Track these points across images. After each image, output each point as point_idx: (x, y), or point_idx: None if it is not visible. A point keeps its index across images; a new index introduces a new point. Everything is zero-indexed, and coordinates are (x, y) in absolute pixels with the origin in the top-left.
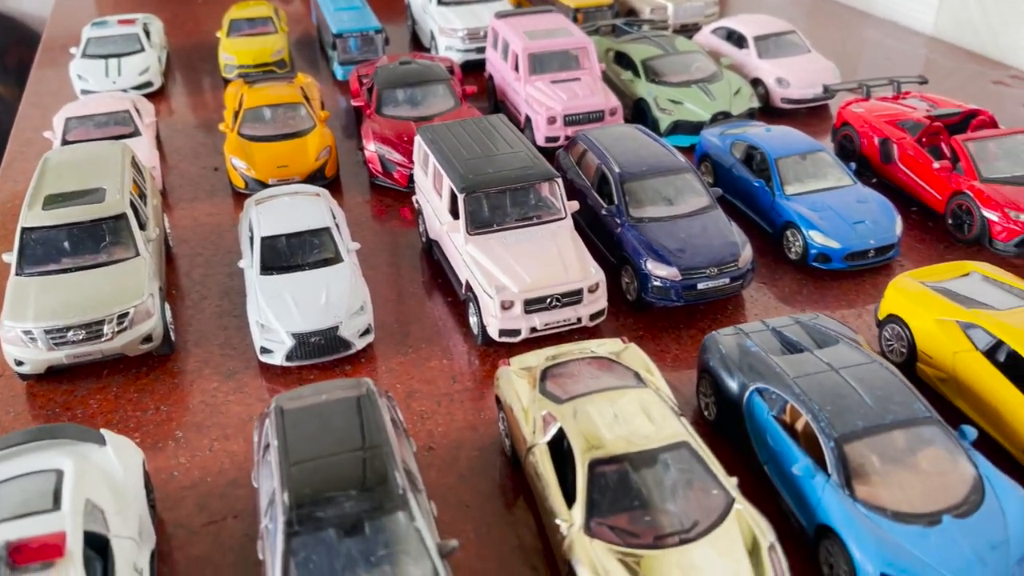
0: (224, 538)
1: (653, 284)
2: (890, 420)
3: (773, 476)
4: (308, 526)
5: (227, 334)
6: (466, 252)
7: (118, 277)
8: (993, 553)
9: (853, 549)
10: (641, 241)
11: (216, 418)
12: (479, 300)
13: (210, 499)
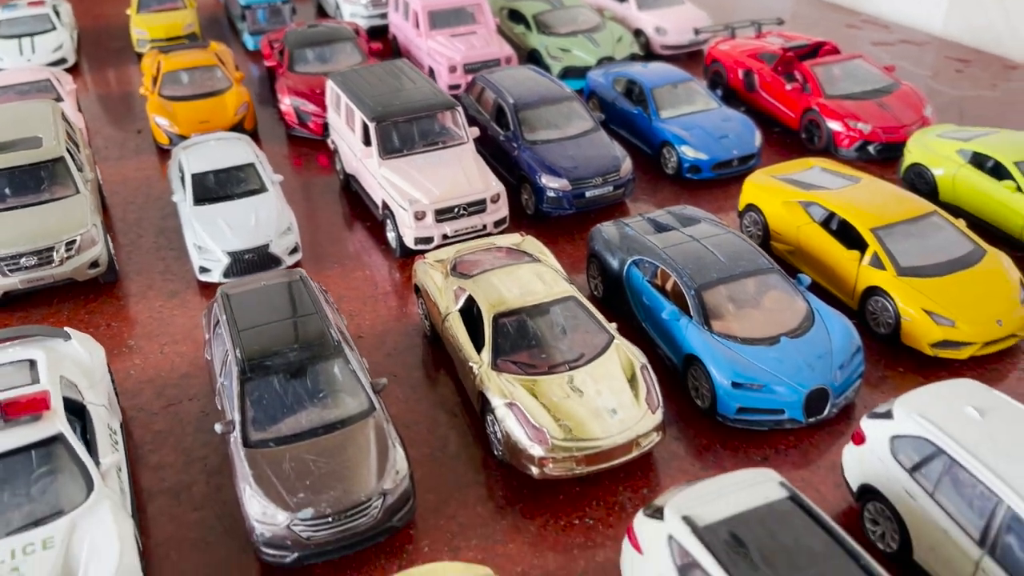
0: (182, 415)
1: (548, 196)
2: (739, 271)
3: (649, 329)
4: (259, 372)
5: (166, 263)
6: (380, 175)
7: (62, 211)
8: (819, 361)
9: (711, 369)
10: (535, 160)
11: (164, 328)
12: (395, 215)
13: (166, 388)
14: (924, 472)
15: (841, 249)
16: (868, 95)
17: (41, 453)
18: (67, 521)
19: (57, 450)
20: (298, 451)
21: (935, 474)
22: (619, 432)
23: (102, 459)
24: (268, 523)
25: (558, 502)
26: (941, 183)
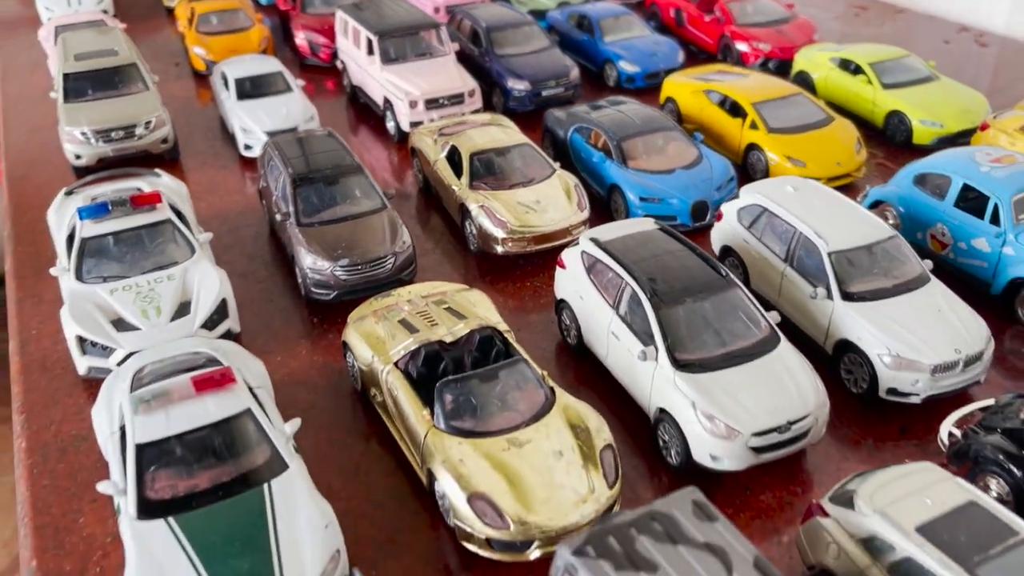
0: (242, 234)
1: (513, 95)
2: (648, 128)
3: (587, 176)
4: (304, 182)
5: (215, 148)
6: (382, 77)
7: (139, 101)
8: (703, 184)
9: (626, 192)
10: (503, 68)
11: (220, 186)
12: (394, 106)
13: (227, 220)
14: (756, 226)
15: (730, 119)
16: (770, 24)
17: (156, 230)
18: (181, 269)
19: (167, 227)
20: (335, 230)
21: (762, 226)
22: (557, 224)
23: (194, 240)
24: (317, 269)
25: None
26: (818, 83)
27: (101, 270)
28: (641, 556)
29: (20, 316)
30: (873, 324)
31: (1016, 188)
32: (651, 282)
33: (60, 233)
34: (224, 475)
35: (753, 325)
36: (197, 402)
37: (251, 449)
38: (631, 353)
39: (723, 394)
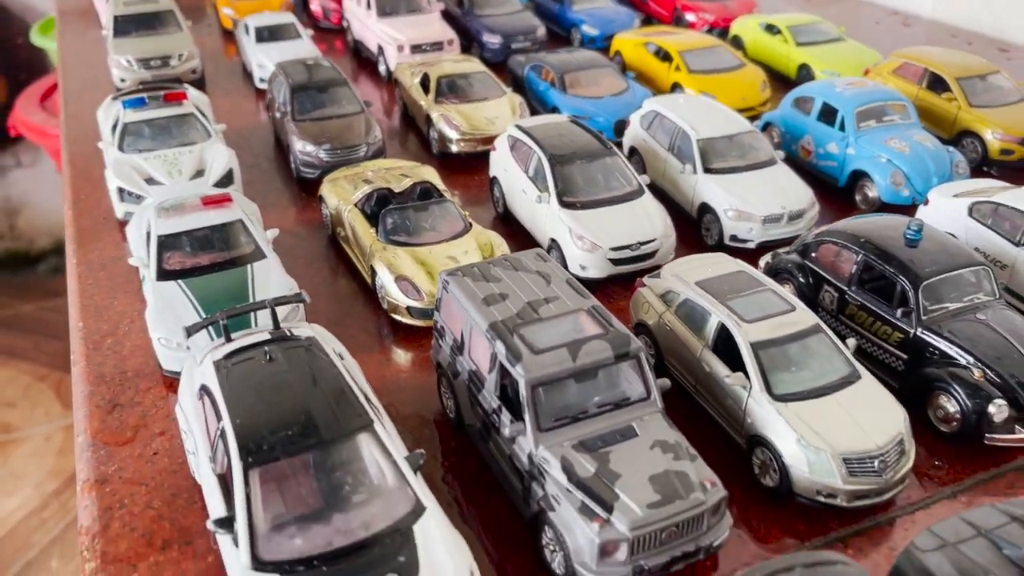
0: (250, 136)
1: (487, 47)
2: (588, 66)
3: (537, 104)
4: (300, 88)
5: (234, 83)
6: (377, 28)
7: (174, 39)
8: (627, 107)
9: (563, 112)
10: (481, 25)
11: (240, 109)
12: (385, 51)
13: (243, 130)
14: (652, 128)
15: (660, 64)
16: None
17: (181, 119)
18: (200, 147)
19: (191, 118)
20: (322, 124)
21: (655, 126)
22: (499, 130)
23: (211, 128)
24: (306, 152)
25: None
26: (747, 44)
27: (137, 145)
28: (492, 275)
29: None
30: (723, 188)
31: (859, 102)
32: (551, 148)
33: (107, 124)
34: (220, 258)
35: (626, 182)
36: (204, 212)
37: (240, 244)
38: (533, 201)
39: (592, 221)
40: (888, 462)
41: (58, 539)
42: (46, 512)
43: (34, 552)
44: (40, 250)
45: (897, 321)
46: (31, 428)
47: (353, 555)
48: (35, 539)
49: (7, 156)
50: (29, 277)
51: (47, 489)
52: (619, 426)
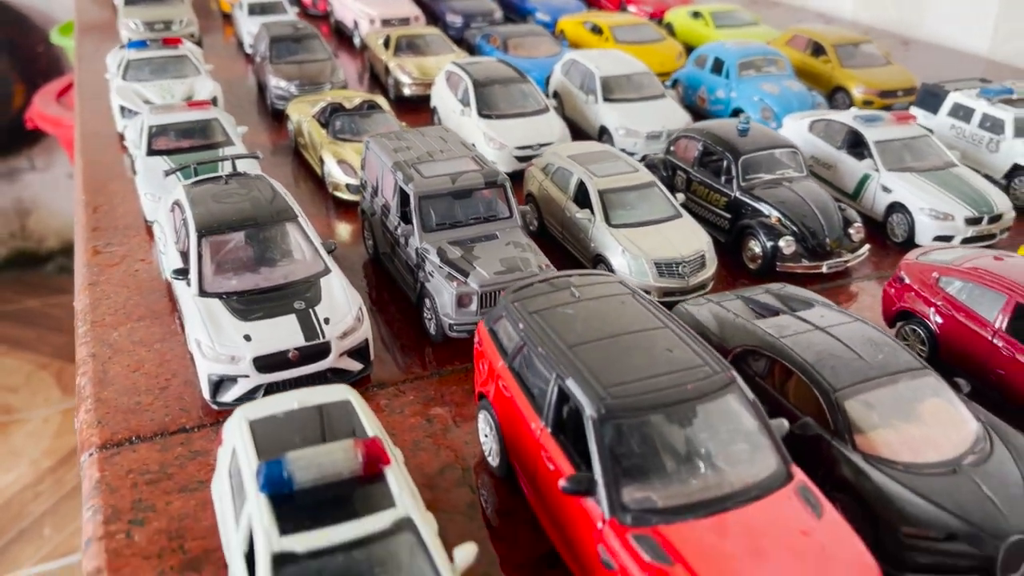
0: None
1: (451, 27)
2: (529, 34)
3: None
4: (278, 39)
5: (228, 50)
6: (354, 6)
7: (176, 7)
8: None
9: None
10: (447, 8)
11: (230, 68)
12: (359, 24)
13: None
14: (569, 73)
15: (594, 36)
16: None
17: (176, 59)
18: (191, 79)
19: (185, 59)
20: (295, 67)
21: (572, 72)
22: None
23: (201, 67)
24: (279, 87)
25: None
26: (677, 28)
27: (138, 76)
28: (402, 137)
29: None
30: (617, 113)
31: (740, 55)
32: (475, 74)
33: (113, 63)
34: (197, 143)
35: (535, 102)
36: (187, 112)
37: (215, 135)
38: (457, 114)
39: (503, 128)
40: (689, 269)
41: (51, 511)
42: (41, 486)
43: (28, 522)
44: (48, 250)
45: (723, 188)
46: (31, 411)
47: (273, 291)
48: (29, 509)
49: (21, 159)
50: (37, 275)
51: (43, 466)
52: (485, 233)
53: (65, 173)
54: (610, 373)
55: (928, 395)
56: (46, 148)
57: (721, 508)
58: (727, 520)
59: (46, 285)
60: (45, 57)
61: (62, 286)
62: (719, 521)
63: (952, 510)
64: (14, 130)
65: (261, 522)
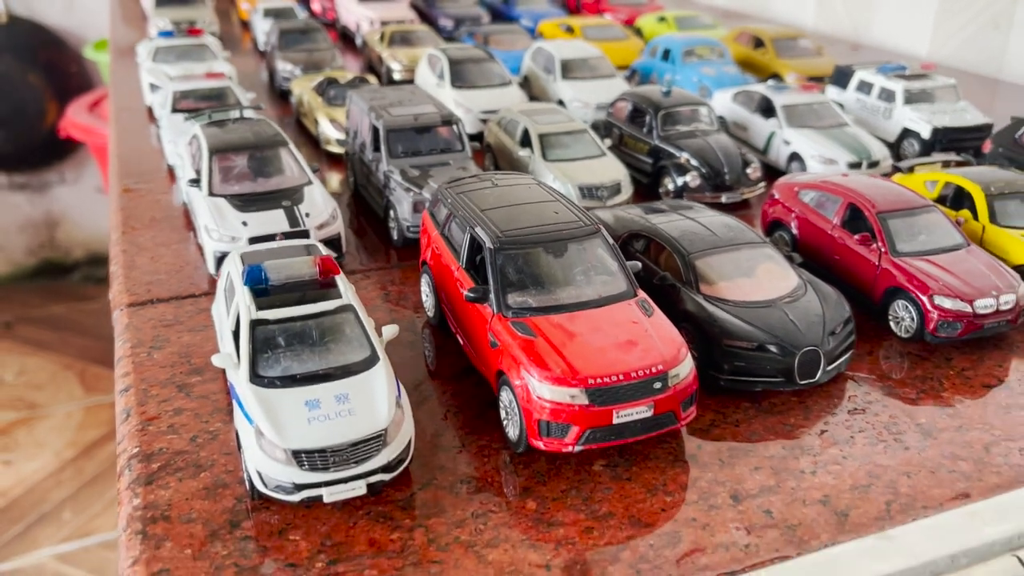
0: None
1: (443, 29)
2: (507, 31)
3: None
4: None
5: (248, 50)
6: (358, 10)
7: (200, 10)
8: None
9: None
10: (440, 12)
11: (247, 64)
12: (361, 27)
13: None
14: (536, 60)
15: (567, 35)
16: (632, 4)
17: (199, 46)
18: (208, 63)
19: (205, 47)
20: (298, 54)
21: (539, 57)
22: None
23: (216, 49)
24: (285, 70)
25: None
26: (644, 30)
27: (166, 60)
28: (379, 91)
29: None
30: (572, 89)
31: (684, 44)
32: (451, 55)
33: (143, 51)
34: (214, 105)
35: (500, 78)
36: (205, 80)
37: (228, 99)
38: (435, 86)
39: (472, 96)
40: (607, 193)
41: (72, 497)
42: (63, 475)
43: (49, 506)
44: (75, 260)
45: (646, 138)
46: (55, 407)
47: (267, 194)
48: (51, 496)
49: (52, 173)
50: (64, 283)
51: (65, 456)
52: (440, 161)
53: (93, 187)
54: (506, 223)
55: (763, 260)
56: (76, 162)
57: (578, 309)
58: (581, 315)
59: (72, 293)
60: (78, 76)
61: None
62: (574, 316)
63: (762, 328)
64: (47, 145)
65: (244, 302)
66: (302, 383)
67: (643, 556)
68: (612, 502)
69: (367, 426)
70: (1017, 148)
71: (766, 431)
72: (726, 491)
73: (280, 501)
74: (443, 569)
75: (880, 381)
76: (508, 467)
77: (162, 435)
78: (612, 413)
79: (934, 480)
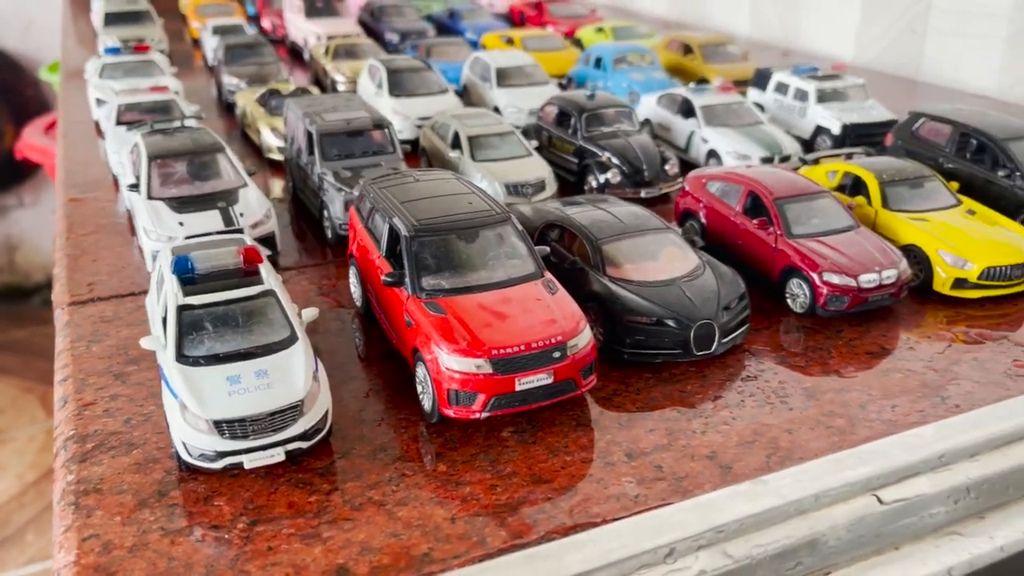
0: None
1: (390, 43)
2: (448, 44)
3: None
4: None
5: (199, 66)
6: (305, 26)
7: (148, 28)
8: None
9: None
10: (386, 27)
11: (196, 79)
12: (309, 42)
13: None
14: (474, 70)
15: (507, 47)
16: (571, 16)
17: (145, 64)
18: (155, 78)
19: (152, 64)
20: (244, 68)
21: (476, 67)
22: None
23: (166, 70)
24: (231, 84)
25: None
26: (584, 41)
27: (112, 76)
28: (315, 98)
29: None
30: (507, 96)
31: (615, 52)
32: (389, 65)
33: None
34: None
35: (438, 85)
36: (149, 94)
37: (174, 113)
38: (373, 95)
39: (409, 104)
40: (532, 190)
41: (34, 519)
42: (25, 498)
43: (12, 529)
44: (35, 283)
45: (571, 139)
46: (17, 431)
47: (203, 196)
48: (14, 518)
49: (11, 196)
50: (24, 307)
51: (28, 479)
52: (372, 163)
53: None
54: (422, 213)
55: (666, 244)
56: (35, 185)
57: (488, 289)
58: (489, 295)
59: (32, 317)
60: (34, 99)
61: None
62: (484, 295)
63: (660, 304)
64: (5, 169)
65: (172, 290)
66: (224, 361)
67: (540, 508)
68: (516, 463)
69: (284, 397)
70: (914, 140)
71: (664, 398)
72: (622, 450)
73: (205, 470)
74: (355, 525)
75: (775, 352)
76: (424, 437)
77: (97, 418)
78: (515, 381)
79: (812, 435)
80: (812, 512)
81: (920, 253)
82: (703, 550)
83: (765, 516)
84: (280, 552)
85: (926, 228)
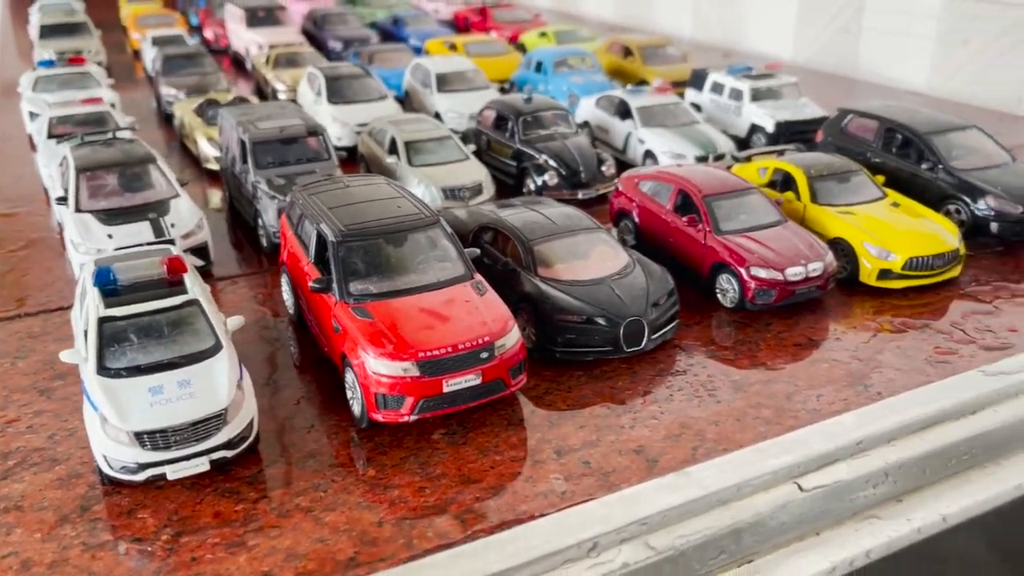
0: None
1: (333, 51)
2: (391, 50)
3: None
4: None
5: (136, 76)
6: (247, 35)
7: (85, 40)
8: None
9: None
10: (329, 35)
11: (135, 87)
12: (250, 51)
13: None
14: (415, 76)
15: (449, 52)
16: (515, 22)
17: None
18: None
19: (90, 74)
20: (183, 79)
21: (419, 76)
22: None
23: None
24: (169, 94)
25: None
26: (528, 46)
27: (47, 89)
28: (249, 107)
29: None
30: (447, 101)
31: (555, 56)
32: (326, 72)
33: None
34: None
35: (377, 92)
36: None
37: (107, 124)
38: (313, 103)
39: (347, 111)
40: (469, 194)
41: None
42: None
43: None
44: None
45: (509, 142)
46: None
47: (133, 208)
48: None
49: None
50: None
51: None
52: (306, 170)
53: None
54: (350, 218)
55: (597, 244)
56: None
57: (416, 292)
58: (417, 299)
59: None
60: None
61: None
62: (411, 299)
63: (590, 303)
64: None
65: (93, 302)
66: (147, 372)
67: (468, 508)
68: (446, 464)
69: (207, 407)
70: (843, 136)
71: (595, 395)
72: (552, 448)
73: (128, 483)
74: (282, 532)
75: (705, 346)
76: (354, 442)
77: (20, 435)
78: (443, 383)
79: (738, 426)
80: (734, 502)
81: (847, 246)
82: (626, 543)
83: (688, 507)
84: (204, 563)
85: (852, 221)
